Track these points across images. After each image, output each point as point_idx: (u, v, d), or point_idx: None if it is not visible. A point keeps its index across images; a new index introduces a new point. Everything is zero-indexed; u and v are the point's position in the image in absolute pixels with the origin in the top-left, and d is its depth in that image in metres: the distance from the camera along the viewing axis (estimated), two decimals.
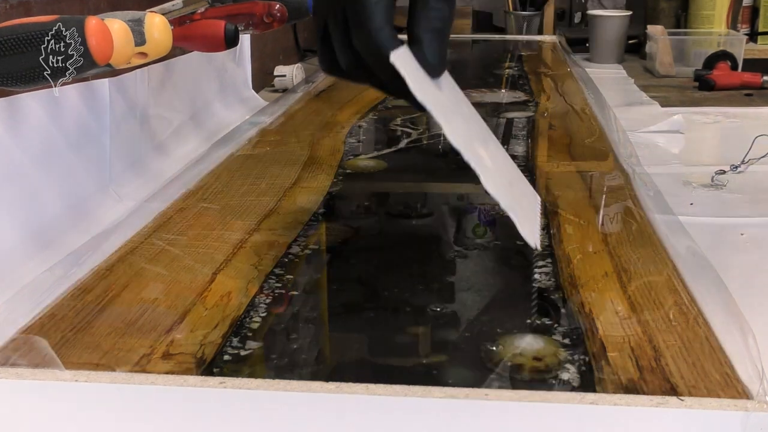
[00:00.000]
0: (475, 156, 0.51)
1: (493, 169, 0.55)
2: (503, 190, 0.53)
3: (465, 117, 0.58)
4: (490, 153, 0.57)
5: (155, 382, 0.44)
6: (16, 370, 0.45)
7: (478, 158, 0.52)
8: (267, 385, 0.43)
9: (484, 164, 0.52)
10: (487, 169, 0.52)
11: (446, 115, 0.51)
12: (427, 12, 0.52)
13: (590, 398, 0.41)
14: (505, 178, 0.57)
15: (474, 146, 0.54)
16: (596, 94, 1.17)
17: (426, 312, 0.52)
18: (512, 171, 0.61)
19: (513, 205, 0.52)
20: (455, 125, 0.52)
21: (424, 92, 0.50)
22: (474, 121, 0.60)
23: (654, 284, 0.55)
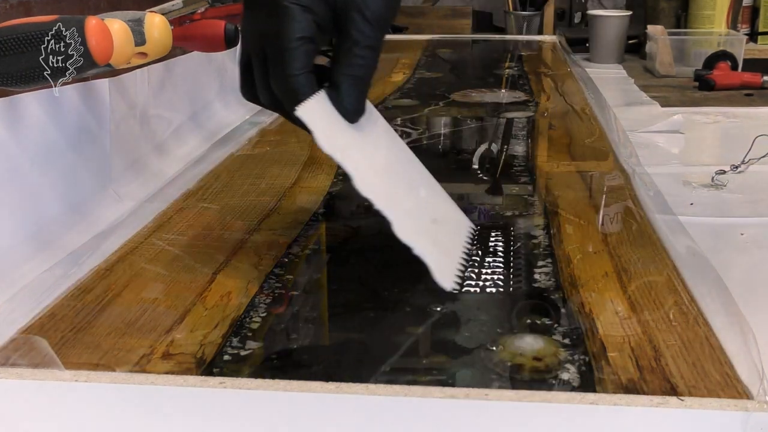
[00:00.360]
0: (387, 203, 0.52)
1: (413, 211, 0.55)
2: (421, 232, 0.53)
3: (386, 158, 0.58)
4: (414, 192, 0.58)
5: (155, 382, 0.44)
6: (16, 370, 0.45)
7: (391, 204, 0.52)
8: (267, 385, 0.43)
9: (399, 209, 0.52)
10: (400, 214, 0.52)
11: (356, 164, 0.52)
12: (350, 59, 0.52)
13: (590, 398, 0.41)
14: (428, 216, 0.57)
15: (390, 190, 0.54)
16: (596, 94, 1.17)
17: (426, 312, 0.52)
18: (442, 204, 0.61)
19: (428, 249, 0.51)
20: (364, 174, 0.52)
21: (332, 142, 0.50)
22: (400, 159, 0.60)
23: (654, 284, 0.55)
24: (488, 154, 0.90)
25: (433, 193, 0.61)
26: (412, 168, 0.61)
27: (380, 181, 0.54)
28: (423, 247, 0.51)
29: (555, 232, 0.65)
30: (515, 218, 0.69)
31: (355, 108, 0.54)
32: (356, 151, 0.53)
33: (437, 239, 0.56)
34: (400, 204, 0.54)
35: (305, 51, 0.51)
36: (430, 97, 1.18)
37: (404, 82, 1.31)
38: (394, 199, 0.54)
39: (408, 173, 0.59)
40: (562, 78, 1.31)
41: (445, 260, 0.55)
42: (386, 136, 0.60)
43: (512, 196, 0.75)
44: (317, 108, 0.51)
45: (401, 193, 0.56)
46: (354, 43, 0.52)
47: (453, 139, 1.01)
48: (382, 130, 0.59)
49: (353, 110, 0.53)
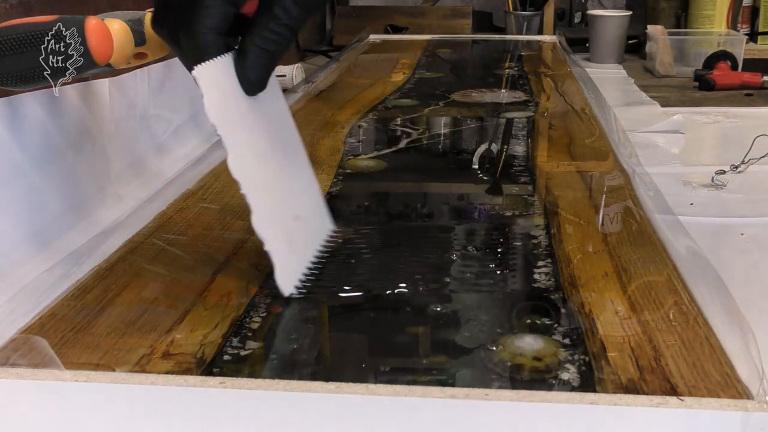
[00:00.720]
0: (255, 190, 0.51)
1: (279, 203, 0.54)
2: (279, 227, 0.52)
3: (270, 143, 0.55)
4: (287, 183, 0.56)
5: (155, 382, 0.44)
6: (16, 370, 0.45)
7: (259, 192, 0.51)
8: (267, 385, 0.43)
9: (265, 199, 0.52)
10: (264, 204, 0.51)
11: (236, 142, 0.50)
12: (266, 31, 0.51)
13: (590, 398, 0.41)
14: (292, 212, 0.56)
15: (262, 178, 0.53)
16: (596, 94, 1.17)
17: (426, 312, 0.52)
18: (310, 201, 0.60)
19: (280, 248, 0.51)
20: (241, 154, 0.51)
21: (220, 111, 0.49)
22: (284, 147, 0.57)
23: (654, 284, 0.55)
24: (488, 154, 0.90)
25: (306, 188, 0.59)
26: (293, 159, 0.58)
27: (255, 166, 0.52)
28: (274, 245, 0.50)
29: (555, 232, 0.65)
30: (515, 218, 0.69)
31: (258, 81, 0.52)
32: (242, 128, 0.52)
33: (293, 238, 0.55)
34: (268, 194, 0.53)
35: (220, 11, 0.49)
36: (430, 97, 1.18)
37: (404, 82, 1.31)
38: (263, 188, 0.52)
39: (286, 163, 0.57)
40: (562, 78, 1.31)
41: (293, 262, 0.54)
42: (279, 120, 0.57)
43: (512, 196, 0.75)
44: (216, 72, 0.50)
45: (272, 183, 0.54)
46: (274, 17, 0.50)
47: (453, 139, 1.01)
48: (277, 113, 0.57)
49: (255, 82, 0.52)
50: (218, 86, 0.50)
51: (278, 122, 0.57)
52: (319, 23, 1.90)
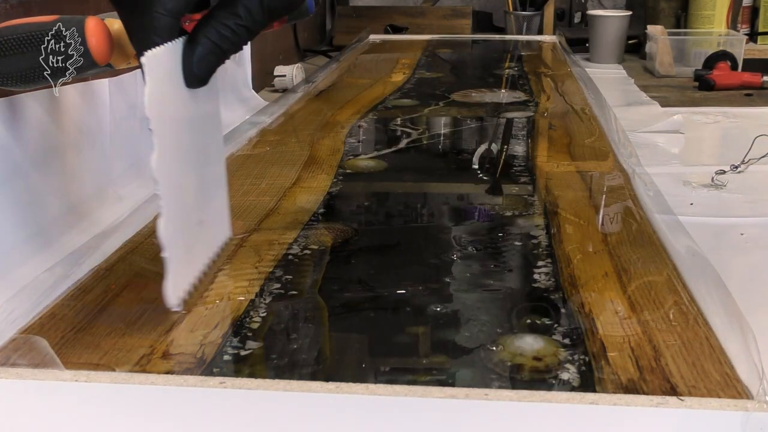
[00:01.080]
0: (169, 192, 0.48)
1: (187, 207, 0.52)
2: (181, 234, 0.50)
3: (194, 143, 0.53)
4: (197, 184, 0.53)
5: (155, 382, 0.44)
6: (16, 370, 0.45)
7: (173, 195, 0.49)
8: (267, 385, 0.43)
9: (177, 202, 0.49)
10: (175, 208, 0.49)
11: (164, 139, 0.48)
12: (223, 28, 0.49)
13: (590, 398, 0.41)
14: (197, 217, 0.53)
15: (179, 179, 0.50)
16: (596, 94, 1.17)
17: (426, 312, 0.52)
18: (216, 204, 0.57)
19: (177, 258, 0.49)
20: (167, 152, 0.48)
21: (158, 106, 0.47)
22: (206, 149, 0.55)
23: (654, 284, 0.55)
24: (488, 154, 0.90)
25: (215, 191, 0.57)
26: (211, 159, 0.56)
27: (176, 166, 0.50)
28: (173, 253, 0.48)
29: (555, 232, 0.65)
30: (515, 218, 0.69)
31: (203, 75, 0.50)
32: (173, 124, 0.49)
33: (192, 245, 0.53)
34: (181, 196, 0.50)
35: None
36: (430, 97, 1.18)
37: (404, 82, 1.31)
38: (177, 190, 0.50)
39: (203, 163, 0.54)
40: (562, 78, 1.31)
41: (185, 273, 0.52)
42: (207, 118, 0.55)
43: (512, 196, 0.75)
44: (163, 60, 0.47)
45: (187, 184, 0.52)
46: (235, 15, 0.49)
47: (453, 139, 1.01)
48: (208, 111, 0.55)
49: (198, 75, 0.50)
50: (162, 76, 0.47)
51: (207, 120, 0.55)
52: (319, 23, 1.90)
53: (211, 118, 0.56)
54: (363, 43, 1.71)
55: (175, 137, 0.50)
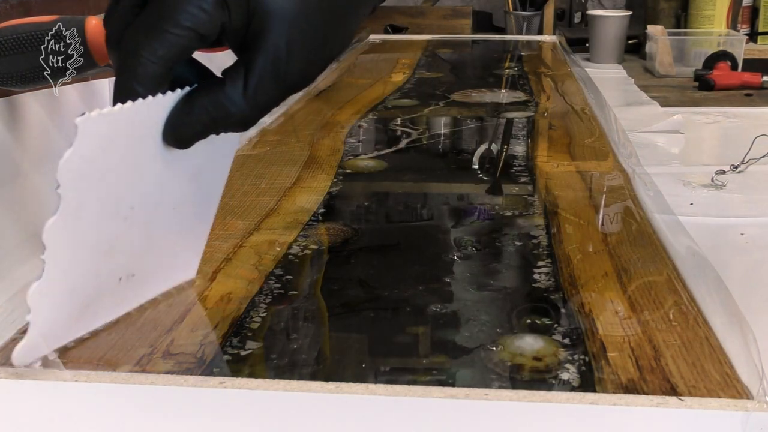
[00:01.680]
0: (57, 259, 0.43)
1: (94, 266, 0.46)
2: (61, 299, 0.45)
3: (162, 193, 0.48)
4: (142, 238, 0.48)
5: (155, 382, 0.44)
6: (16, 370, 0.45)
7: (61, 261, 0.43)
8: (267, 385, 0.43)
9: (70, 267, 0.44)
10: (60, 274, 0.44)
11: (73, 204, 0.43)
12: (226, 101, 0.42)
13: (590, 398, 0.41)
14: (121, 272, 0.48)
15: (85, 240, 0.45)
16: (596, 94, 1.17)
17: (426, 312, 0.52)
18: (170, 253, 0.52)
19: (42, 321, 0.44)
20: (70, 219, 0.43)
21: (79, 168, 0.42)
22: (182, 198, 0.50)
23: (654, 284, 0.55)
24: (488, 154, 0.90)
25: (180, 238, 0.52)
26: (187, 210, 0.51)
27: (87, 228, 0.45)
28: (38, 318, 0.44)
29: (555, 232, 0.65)
30: (515, 218, 0.69)
31: (184, 141, 0.45)
32: (100, 185, 0.44)
33: (97, 302, 0.48)
34: (85, 258, 0.45)
35: (180, 43, 0.41)
36: (430, 97, 1.18)
37: (404, 82, 1.31)
38: (80, 253, 0.45)
39: (167, 217, 0.50)
40: (562, 78, 1.31)
41: (53, 337, 0.46)
42: (204, 169, 0.50)
43: (512, 196, 0.75)
44: (106, 124, 0.42)
45: (103, 243, 0.46)
46: (245, 93, 0.42)
47: (453, 139, 1.01)
48: (207, 164, 0.50)
49: (181, 141, 0.45)
50: (99, 142, 0.42)
51: (201, 169, 0.50)
52: None
53: (212, 167, 0.51)
54: (363, 43, 1.71)
55: (96, 198, 0.44)
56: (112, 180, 0.45)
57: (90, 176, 0.43)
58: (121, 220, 0.47)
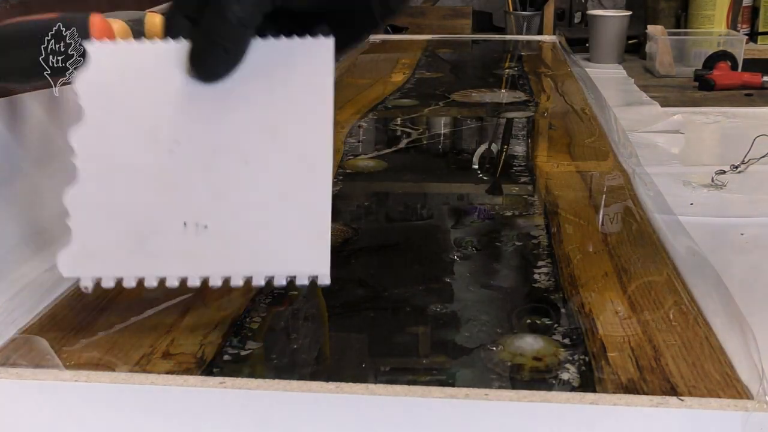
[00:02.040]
0: (93, 164, 0.46)
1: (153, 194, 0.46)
2: (108, 213, 0.46)
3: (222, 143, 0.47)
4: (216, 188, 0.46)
5: (155, 382, 0.44)
6: (16, 370, 0.45)
7: (98, 168, 0.46)
8: (267, 385, 0.43)
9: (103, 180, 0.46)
10: (94, 185, 0.46)
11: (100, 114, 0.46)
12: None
13: (590, 398, 0.41)
14: (185, 216, 0.46)
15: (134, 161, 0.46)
16: (596, 94, 1.17)
17: (426, 312, 0.52)
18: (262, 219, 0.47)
19: (97, 232, 0.46)
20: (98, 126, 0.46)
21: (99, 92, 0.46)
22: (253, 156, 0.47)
23: (654, 284, 0.55)
24: (488, 154, 0.90)
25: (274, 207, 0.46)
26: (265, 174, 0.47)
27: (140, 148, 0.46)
28: (82, 225, 0.45)
29: (555, 232, 0.65)
30: (515, 218, 0.69)
31: (201, 71, 0.46)
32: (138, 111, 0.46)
33: (153, 240, 0.46)
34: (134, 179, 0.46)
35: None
36: (430, 97, 1.18)
37: (404, 82, 1.31)
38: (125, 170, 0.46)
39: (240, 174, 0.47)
40: (562, 78, 1.31)
41: (99, 253, 0.46)
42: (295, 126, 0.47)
43: (512, 196, 0.75)
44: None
45: (164, 174, 0.46)
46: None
47: (453, 139, 1.01)
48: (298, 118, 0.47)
49: (197, 70, 0.46)
50: (123, 65, 0.46)
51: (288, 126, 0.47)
52: None
53: (297, 126, 0.47)
54: (363, 43, 1.71)
55: (136, 122, 0.46)
56: (142, 108, 0.46)
57: (112, 97, 0.46)
58: (166, 152, 0.46)
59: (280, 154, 0.46)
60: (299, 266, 0.45)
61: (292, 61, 0.47)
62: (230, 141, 0.46)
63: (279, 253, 0.45)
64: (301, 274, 0.44)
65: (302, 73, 0.46)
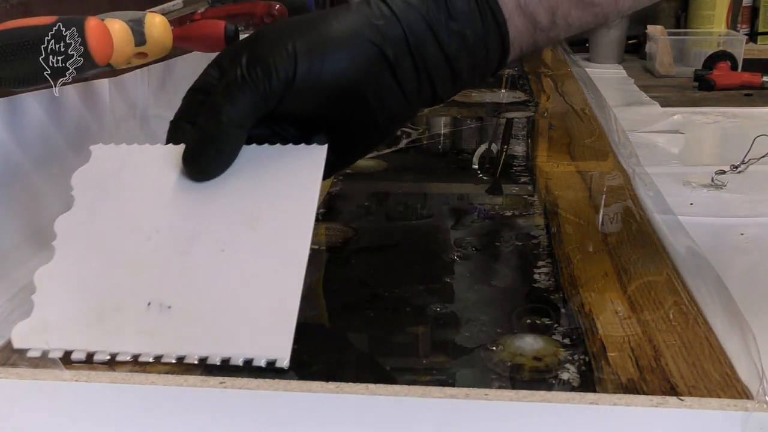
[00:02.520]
0: (67, 249, 0.49)
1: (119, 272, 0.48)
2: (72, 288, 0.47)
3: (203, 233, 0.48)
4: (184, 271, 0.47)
5: (155, 382, 0.44)
6: (16, 370, 0.45)
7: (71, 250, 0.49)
8: (267, 385, 0.43)
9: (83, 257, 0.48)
10: (72, 261, 0.48)
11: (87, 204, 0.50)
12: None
13: (590, 398, 0.41)
14: (150, 295, 0.47)
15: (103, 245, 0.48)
16: (596, 94, 1.17)
17: (426, 312, 0.52)
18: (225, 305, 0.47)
19: (49, 304, 0.47)
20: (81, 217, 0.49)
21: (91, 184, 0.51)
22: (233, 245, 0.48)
23: (654, 284, 0.55)
24: (488, 154, 0.90)
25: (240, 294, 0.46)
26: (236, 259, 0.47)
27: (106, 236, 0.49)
28: (45, 300, 0.47)
29: (555, 232, 0.65)
30: (515, 218, 0.69)
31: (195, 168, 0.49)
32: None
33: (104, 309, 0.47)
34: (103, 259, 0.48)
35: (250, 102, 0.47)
36: None
37: None
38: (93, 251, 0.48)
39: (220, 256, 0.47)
40: (562, 78, 1.31)
41: (56, 326, 0.46)
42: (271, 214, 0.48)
43: (512, 196, 0.75)
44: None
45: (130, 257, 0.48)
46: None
47: (453, 139, 1.01)
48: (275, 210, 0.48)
49: (191, 168, 0.49)
50: (120, 162, 0.51)
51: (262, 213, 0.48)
52: None
53: (279, 217, 0.48)
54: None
55: (122, 211, 0.49)
56: (131, 202, 0.49)
57: (104, 193, 0.50)
58: (144, 239, 0.48)
59: (258, 246, 0.47)
60: (258, 350, 0.45)
61: (283, 164, 0.49)
62: (209, 229, 0.48)
63: (240, 337, 0.45)
64: (258, 357, 0.44)
65: (291, 177, 0.49)
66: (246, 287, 0.46)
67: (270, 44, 0.46)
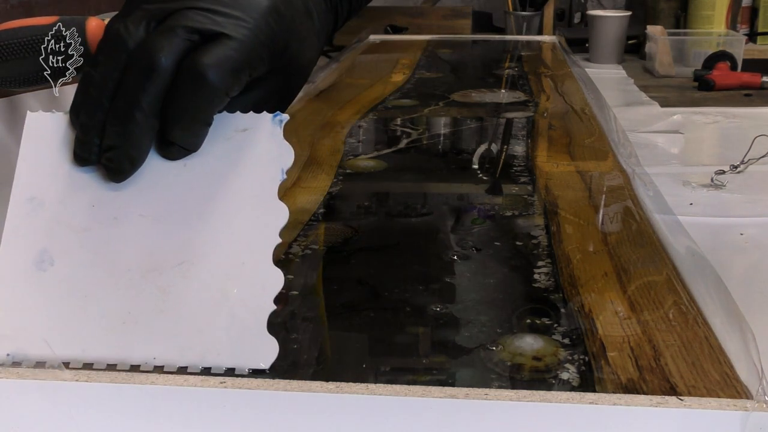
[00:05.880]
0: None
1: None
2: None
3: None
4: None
5: (155, 382, 0.44)
6: (16, 370, 0.45)
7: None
8: (267, 385, 0.43)
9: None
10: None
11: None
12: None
13: (590, 398, 0.41)
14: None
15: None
16: (596, 94, 1.17)
17: (426, 312, 0.52)
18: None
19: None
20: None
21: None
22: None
23: (654, 284, 0.55)
24: (488, 154, 0.91)
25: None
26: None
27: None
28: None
29: (555, 232, 0.65)
30: (515, 218, 0.69)
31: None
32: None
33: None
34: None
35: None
36: (430, 97, 1.18)
37: (404, 82, 1.31)
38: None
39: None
40: (562, 78, 1.31)
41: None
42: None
43: (512, 196, 0.75)
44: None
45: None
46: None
47: (453, 139, 1.01)
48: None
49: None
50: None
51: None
52: None
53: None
54: (363, 43, 1.71)
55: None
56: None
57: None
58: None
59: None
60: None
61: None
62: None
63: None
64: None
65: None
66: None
67: None
